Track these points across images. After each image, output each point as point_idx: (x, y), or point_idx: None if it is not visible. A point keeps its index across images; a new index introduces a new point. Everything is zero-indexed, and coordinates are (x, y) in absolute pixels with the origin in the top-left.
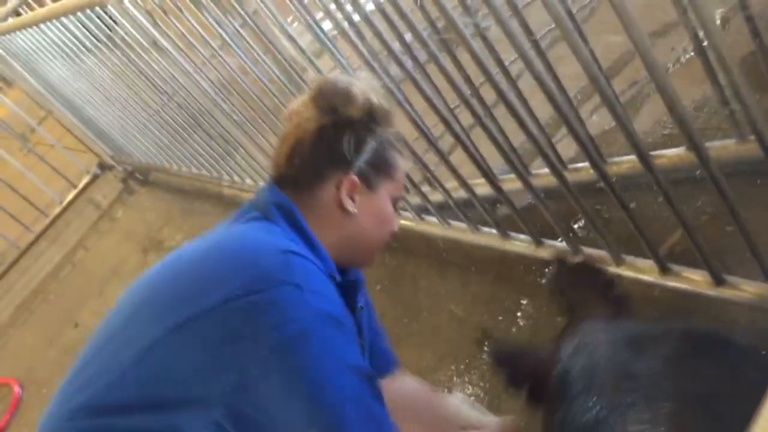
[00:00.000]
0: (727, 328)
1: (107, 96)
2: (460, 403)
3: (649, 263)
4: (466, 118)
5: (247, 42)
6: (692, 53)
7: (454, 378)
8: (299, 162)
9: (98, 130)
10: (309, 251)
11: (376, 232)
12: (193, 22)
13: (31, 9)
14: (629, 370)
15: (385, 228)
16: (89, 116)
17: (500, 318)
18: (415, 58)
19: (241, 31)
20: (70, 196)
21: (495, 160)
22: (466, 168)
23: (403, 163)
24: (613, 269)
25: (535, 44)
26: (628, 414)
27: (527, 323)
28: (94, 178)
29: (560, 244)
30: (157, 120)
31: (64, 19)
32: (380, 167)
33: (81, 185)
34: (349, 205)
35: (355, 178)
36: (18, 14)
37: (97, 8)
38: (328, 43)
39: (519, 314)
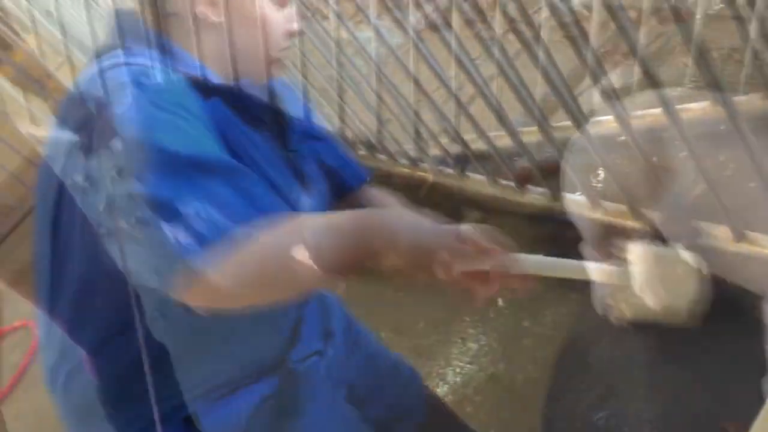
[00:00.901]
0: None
1: None
2: None
3: None
4: (487, 69)
5: None
6: (721, 5)
7: (469, 329)
8: None
9: None
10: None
11: (253, 37)
12: None
13: None
14: None
15: (264, 31)
16: None
17: None
18: (436, 6)
19: None
20: None
21: (515, 112)
22: (486, 120)
23: None
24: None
25: None
26: None
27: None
28: None
29: (579, 197)
30: None
31: None
32: None
33: None
34: (210, 13)
35: None
36: None
37: None
38: None
39: None
